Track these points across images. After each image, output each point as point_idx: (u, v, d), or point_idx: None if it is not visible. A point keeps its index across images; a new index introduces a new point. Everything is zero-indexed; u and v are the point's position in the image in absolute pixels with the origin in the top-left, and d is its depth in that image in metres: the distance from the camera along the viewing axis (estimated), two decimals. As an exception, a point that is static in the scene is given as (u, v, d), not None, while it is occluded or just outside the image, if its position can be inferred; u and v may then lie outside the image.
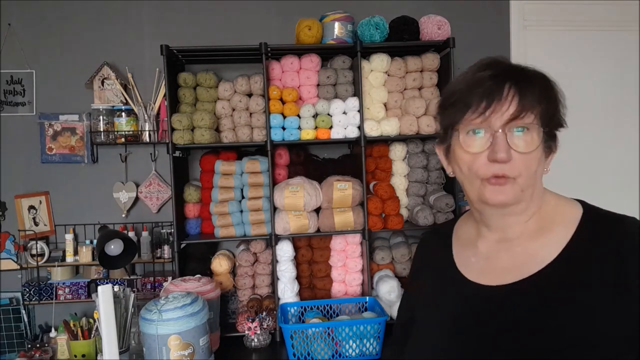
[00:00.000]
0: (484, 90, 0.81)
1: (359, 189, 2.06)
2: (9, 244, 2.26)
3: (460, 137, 0.84)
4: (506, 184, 0.81)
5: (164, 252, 2.26)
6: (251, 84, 2.08)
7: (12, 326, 2.19)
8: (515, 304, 0.80)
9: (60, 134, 2.25)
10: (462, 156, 0.85)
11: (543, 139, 0.82)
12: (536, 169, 0.82)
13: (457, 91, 0.85)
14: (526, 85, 0.81)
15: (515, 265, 0.84)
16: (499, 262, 0.87)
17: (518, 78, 0.82)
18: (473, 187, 0.85)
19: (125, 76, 2.27)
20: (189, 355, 1.57)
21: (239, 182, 2.11)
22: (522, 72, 0.84)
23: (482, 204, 0.85)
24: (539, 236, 0.85)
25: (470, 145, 0.83)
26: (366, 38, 2.08)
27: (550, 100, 0.82)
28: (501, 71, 0.83)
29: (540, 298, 0.78)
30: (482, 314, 0.84)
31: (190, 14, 2.34)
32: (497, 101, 0.80)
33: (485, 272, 0.88)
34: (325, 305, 2.06)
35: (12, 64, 2.26)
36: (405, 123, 2.10)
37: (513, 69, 0.84)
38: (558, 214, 0.86)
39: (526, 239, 0.86)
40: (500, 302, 0.82)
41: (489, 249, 0.90)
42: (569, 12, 2.54)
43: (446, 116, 0.87)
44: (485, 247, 0.91)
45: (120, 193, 2.29)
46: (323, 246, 2.20)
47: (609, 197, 1.89)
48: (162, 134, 2.24)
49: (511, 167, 0.80)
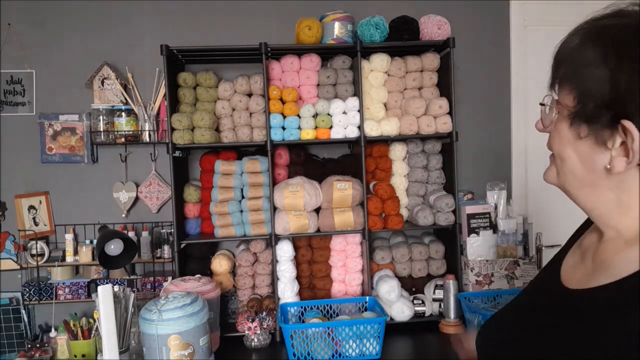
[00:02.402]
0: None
1: (359, 189, 2.06)
2: (9, 244, 2.26)
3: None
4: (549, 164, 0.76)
5: (164, 252, 2.25)
6: (251, 84, 2.08)
7: (12, 326, 2.19)
8: (576, 310, 0.69)
9: (60, 134, 2.25)
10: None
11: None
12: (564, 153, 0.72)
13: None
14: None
15: (595, 271, 0.71)
16: (586, 264, 0.75)
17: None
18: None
19: (125, 76, 2.27)
20: (189, 355, 1.57)
21: (239, 182, 2.11)
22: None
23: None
24: (627, 247, 0.68)
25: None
26: (366, 38, 2.08)
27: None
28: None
29: (602, 309, 0.65)
30: (544, 309, 0.77)
31: (190, 14, 2.34)
32: None
33: (573, 270, 0.77)
34: (325, 305, 2.06)
35: (12, 64, 2.26)
36: (405, 123, 2.10)
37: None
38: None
39: (613, 247, 0.70)
40: (563, 304, 0.72)
41: (585, 249, 0.78)
42: (569, 12, 2.53)
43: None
44: (586, 245, 0.79)
45: (120, 193, 2.29)
46: (323, 246, 2.20)
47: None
48: (162, 134, 2.24)
49: (548, 141, 0.75)
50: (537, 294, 0.83)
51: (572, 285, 0.74)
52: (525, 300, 0.85)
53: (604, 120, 0.64)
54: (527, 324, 0.77)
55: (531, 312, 0.79)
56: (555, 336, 0.69)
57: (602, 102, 0.64)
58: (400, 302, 2.07)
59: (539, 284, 0.86)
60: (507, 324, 0.84)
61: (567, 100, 0.68)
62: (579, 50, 0.67)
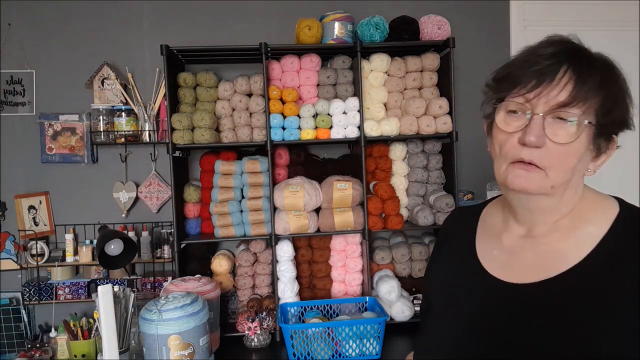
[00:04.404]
0: (538, 69, 0.73)
1: (359, 189, 2.06)
2: (9, 244, 2.26)
3: (501, 114, 0.78)
4: (533, 172, 0.74)
5: (164, 252, 2.25)
6: (251, 84, 2.08)
7: (12, 326, 2.19)
8: (538, 304, 0.75)
9: (60, 134, 2.25)
10: (497, 134, 0.79)
11: (592, 136, 0.74)
12: (575, 166, 0.74)
13: (512, 65, 0.78)
14: (587, 71, 0.72)
15: (540, 264, 0.78)
16: (523, 259, 0.81)
17: (580, 62, 0.73)
18: (500, 169, 0.79)
19: (125, 76, 2.27)
20: (189, 355, 1.57)
21: (239, 182, 2.11)
22: (588, 56, 0.75)
23: (505, 187, 0.80)
24: (569, 236, 0.78)
25: (508, 125, 0.76)
26: (366, 38, 2.08)
27: (610, 95, 0.73)
28: (563, 50, 0.75)
29: (566, 300, 0.73)
30: (500, 310, 0.79)
31: (190, 14, 2.34)
32: (548, 83, 0.72)
33: (507, 267, 0.82)
34: (325, 305, 2.06)
35: (12, 64, 2.26)
36: (405, 123, 2.10)
37: (578, 50, 0.75)
38: (592, 213, 0.79)
39: (554, 239, 0.79)
40: (521, 301, 0.77)
41: (513, 244, 0.84)
42: (569, 12, 2.54)
43: (495, 89, 0.80)
44: (510, 241, 0.85)
45: (120, 193, 2.29)
46: (323, 246, 2.20)
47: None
48: (162, 134, 2.24)
49: (541, 155, 0.73)
50: (484, 301, 0.82)
51: (519, 280, 0.79)
52: (476, 311, 0.82)
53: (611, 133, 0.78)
54: (504, 329, 0.77)
55: (499, 318, 0.78)
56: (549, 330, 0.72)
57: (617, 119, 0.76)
58: (400, 302, 2.07)
59: (476, 293, 0.84)
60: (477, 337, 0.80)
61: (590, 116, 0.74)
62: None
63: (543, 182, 0.75)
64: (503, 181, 0.79)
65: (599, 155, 0.78)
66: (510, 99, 0.76)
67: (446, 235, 1.00)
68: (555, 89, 0.72)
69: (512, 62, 0.79)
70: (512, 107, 0.76)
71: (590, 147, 0.75)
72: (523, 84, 0.74)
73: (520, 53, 0.79)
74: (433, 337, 0.89)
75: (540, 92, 0.73)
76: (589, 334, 0.69)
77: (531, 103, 0.74)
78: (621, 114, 0.76)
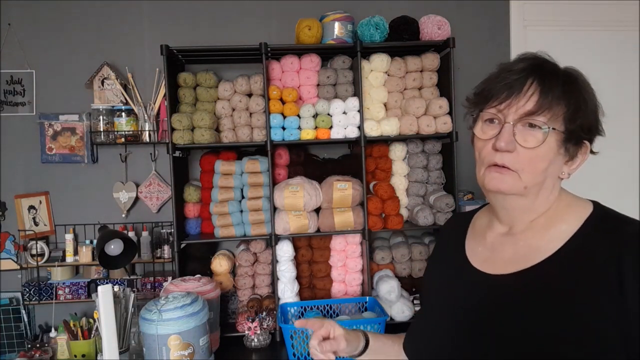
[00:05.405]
0: (508, 83, 0.83)
1: (359, 189, 2.06)
2: (9, 244, 2.26)
3: (479, 124, 0.89)
4: (506, 174, 0.84)
5: (164, 252, 2.25)
6: (251, 84, 2.08)
7: (12, 326, 2.19)
8: (515, 291, 0.84)
9: (60, 134, 2.25)
10: (476, 142, 0.90)
11: (561, 141, 0.83)
12: (546, 169, 0.83)
13: (488, 80, 0.89)
14: (550, 83, 0.82)
15: (518, 257, 0.87)
16: (503, 253, 0.90)
17: (544, 75, 0.83)
18: (479, 173, 0.90)
19: (125, 76, 2.27)
20: (189, 355, 1.57)
21: (239, 182, 2.11)
22: (552, 70, 0.85)
23: (484, 189, 0.89)
24: (544, 233, 0.87)
25: (484, 133, 0.87)
26: (366, 38, 2.08)
27: (574, 104, 0.82)
28: (530, 65, 0.84)
29: (538, 288, 0.81)
30: (483, 298, 0.88)
31: (190, 14, 2.34)
32: (516, 95, 0.82)
33: (489, 261, 0.92)
34: (325, 305, 2.06)
35: (12, 64, 2.26)
36: (405, 123, 2.10)
37: (543, 65, 0.85)
38: (567, 214, 0.87)
39: (531, 235, 0.88)
40: (501, 290, 0.86)
41: (494, 241, 0.94)
42: (569, 12, 2.54)
43: (474, 103, 0.91)
44: (492, 238, 0.95)
45: (120, 193, 2.29)
46: (323, 246, 2.20)
47: (609, 197, 1.88)
48: (162, 134, 2.24)
49: (513, 159, 0.83)
50: (469, 290, 0.91)
51: (499, 272, 0.88)
52: (462, 296, 0.92)
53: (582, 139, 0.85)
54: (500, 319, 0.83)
55: (481, 305, 0.87)
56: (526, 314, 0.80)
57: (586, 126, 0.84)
58: (400, 302, 2.07)
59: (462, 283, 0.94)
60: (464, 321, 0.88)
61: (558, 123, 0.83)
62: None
63: (516, 183, 0.84)
64: (482, 183, 0.89)
65: (573, 159, 0.87)
66: (486, 110, 0.87)
67: (443, 236, 1.14)
68: (522, 100, 0.82)
69: (488, 78, 0.90)
70: (487, 117, 0.87)
71: (560, 151, 0.84)
72: (496, 96, 0.85)
73: (496, 70, 0.89)
74: (427, 322, 1.00)
75: (510, 103, 0.83)
76: (561, 317, 0.77)
77: (503, 113, 0.84)
78: (587, 121, 0.84)
